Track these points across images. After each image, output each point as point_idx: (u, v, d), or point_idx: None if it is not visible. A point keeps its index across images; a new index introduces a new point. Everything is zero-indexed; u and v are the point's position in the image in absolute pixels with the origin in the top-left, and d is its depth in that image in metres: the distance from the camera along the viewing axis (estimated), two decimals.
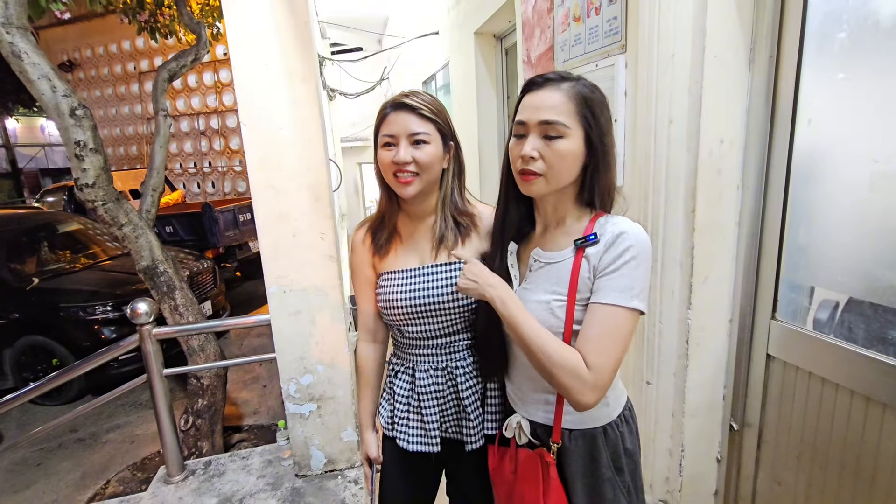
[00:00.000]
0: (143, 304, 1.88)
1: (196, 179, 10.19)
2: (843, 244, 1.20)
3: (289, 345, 1.84)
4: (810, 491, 1.31)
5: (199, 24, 2.81)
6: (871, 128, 1.12)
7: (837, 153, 1.21)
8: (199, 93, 9.73)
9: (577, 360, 0.81)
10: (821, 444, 1.26)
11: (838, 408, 1.20)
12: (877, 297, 1.12)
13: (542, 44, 2.09)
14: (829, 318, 1.25)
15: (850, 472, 1.19)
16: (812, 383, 1.27)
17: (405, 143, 0.99)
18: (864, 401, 1.14)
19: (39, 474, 2.86)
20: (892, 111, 1.07)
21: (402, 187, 1.01)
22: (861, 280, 1.16)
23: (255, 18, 1.57)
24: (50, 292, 3.69)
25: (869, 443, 1.14)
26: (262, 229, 1.72)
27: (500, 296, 0.88)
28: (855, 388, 1.15)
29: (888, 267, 1.09)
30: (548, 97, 0.85)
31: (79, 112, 1.96)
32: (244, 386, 3.74)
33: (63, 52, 10.37)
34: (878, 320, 1.12)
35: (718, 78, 1.34)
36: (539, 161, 0.85)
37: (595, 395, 0.81)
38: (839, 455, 1.21)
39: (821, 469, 1.27)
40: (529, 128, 0.86)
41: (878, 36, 1.08)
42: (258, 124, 1.65)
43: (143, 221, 2.30)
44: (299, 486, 1.94)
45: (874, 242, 1.13)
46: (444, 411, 1.09)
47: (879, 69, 1.09)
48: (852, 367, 1.15)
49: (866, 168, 1.13)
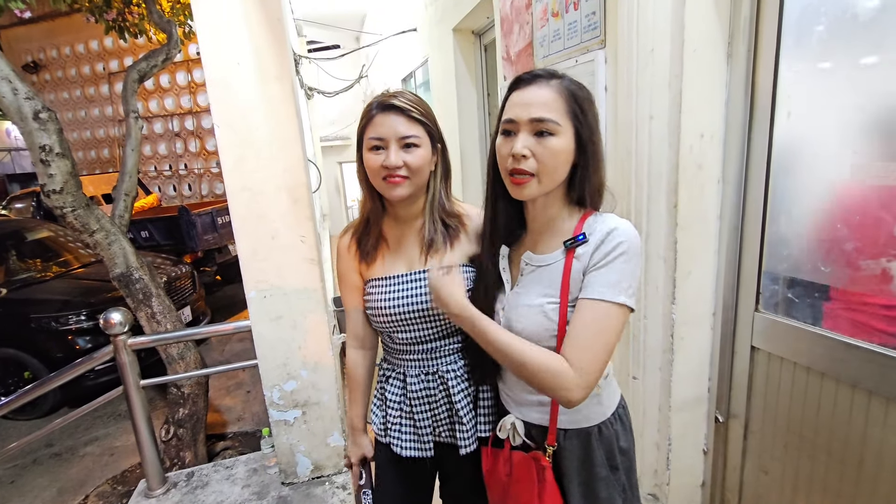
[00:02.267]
0: (116, 314, 1.81)
1: (172, 182, 9.95)
2: (824, 235, 1.22)
3: (271, 350, 1.80)
4: (797, 479, 1.33)
5: (169, 23, 2.72)
6: (849, 120, 1.13)
7: (816, 145, 1.22)
8: (172, 93, 9.49)
9: (557, 363, 0.81)
10: (807, 433, 1.28)
11: (824, 396, 1.22)
12: (859, 287, 1.14)
13: (521, 40, 2.08)
14: (809, 307, 1.27)
15: (836, 459, 1.21)
16: (797, 373, 1.29)
17: (395, 146, 0.96)
18: (850, 388, 1.16)
19: (13, 492, 2.75)
20: (869, 102, 1.08)
21: (391, 189, 0.98)
22: (842, 270, 1.18)
23: (226, 15, 1.52)
24: (20, 303, 3.55)
25: (855, 430, 1.16)
26: (240, 232, 1.68)
27: (465, 316, 0.90)
28: (840, 376, 1.17)
29: (867, 256, 1.11)
30: (538, 94, 0.83)
31: (43, 115, 1.88)
32: (227, 392, 3.67)
33: (27, 52, 9.99)
34: (859, 309, 1.13)
35: (698, 72, 1.34)
36: (531, 160, 0.83)
37: (581, 392, 0.80)
38: (825, 443, 1.23)
39: (807, 458, 1.29)
40: (520, 125, 0.84)
41: (856, 29, 1.09)
42: (232, 124, 1.60)
43: (115, 227, 2.23)
44: (286, 495, 1.90)
45: (853, 233, 1.14)
46: (436, 416, 1.08)
47: (857, 61, 1.10)
48: (836, 355, 1.17)
49: (846, 160, 1.14)
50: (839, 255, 1.18)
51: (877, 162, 1.08)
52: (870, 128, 1.09)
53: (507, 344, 0.85)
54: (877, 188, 1.08)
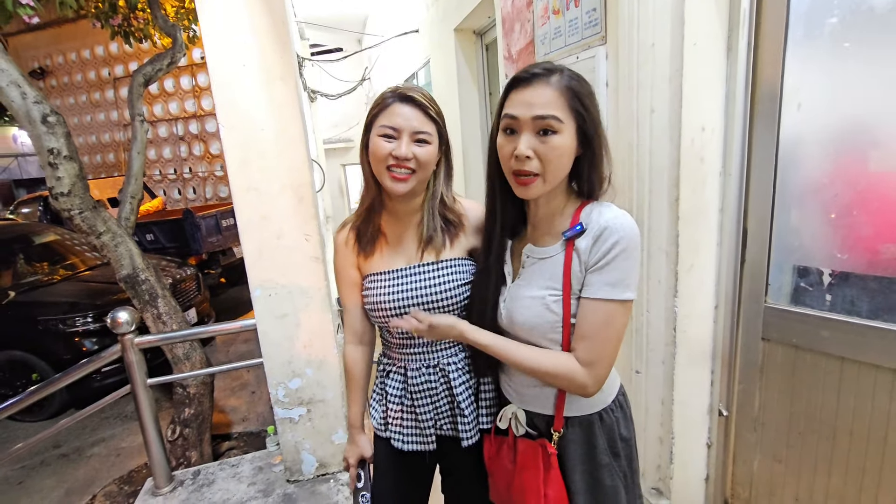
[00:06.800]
0: (123, 314, 1.83)
1: (176, 185, 10.00)
2: (836, 223, 1.22)
3: (276, 348, 1.81)
4: (816, 463, 1.34)
5: (174, 28, 2.75)
6: (863, 111, 1.14)
7: (829, 136, 1.23)
8: (176, 97, 9.55)
9: (568, 365, 0.85)
10: (826, 417, 1.30)
11: (844, 380, 1.24)
12: (871, 271, 1.15)
13: (523, 38, 2.09)
14: (822, 294, 1.28)
15: (859, 438, 1.23)
16: (813, 360, 1.30)
17: (407, 138, 0.96)
18: (873, 369, 1.17)
19: (21, 493, 2.77)
20: (884, 95, 1.09)
21: (395, 183, 0.98)
22: (860, 255, 1.19)
23: (231, 18, 1.55)
24: (27, 305, 3.58)
25: (879, 408, 1.18)
26: (245, 232, 1.69)
27: (466, 333, 0.93)
28: (861, 358, 1.19)
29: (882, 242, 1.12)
30: (538, 93, 0.82)
31: (51, 119, 1.90)
32: (232, 393, 3.68)
33: (34, 58, 10.07)
34: (881, 291, 1.15)
35: (698, 66, 1.34)
36: (535, 160, 0.83)
37: (596, 387, 0.86)
38: (847, 424, 1.25)
39: (826, 441, 1.31)
40: (522, 124, 0.84)
41: (871, 20, 1.09)
42: (238, 125, 1.62)
43: (122, 229, 2.25)
44: (291, 492, 1.91)
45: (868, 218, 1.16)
46: (438, 409, 1.08)
47: (869, 53, 1.10)
48: (855, 338, 1.19)
49: (859, 150, 1.15)
50: (855, 242, 1.18)
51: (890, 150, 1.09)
52: (884, 118, 1.10)
53: (514, 354, 0.89)
54: (890, 174, 1.10)
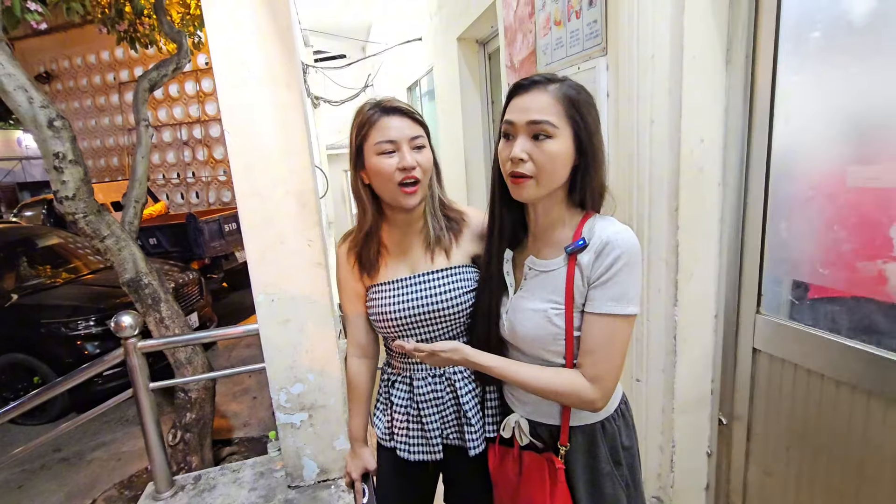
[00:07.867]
0: (127, 317, 1.85)
1: (180, 190, 10.05)
2: (824, 238, 1.23)
3: (278, 354, 1.82)
4: (801, 481, 1.33)
5: (179, 33, 2.78)
6: (846, 124, 1.15)
7: (813, 149, 1.24)
8: (181, 103, 9.62)
9: (574, 383, 0.86)
10: (809, 435, 1.28)
11: (825, 398, 1.23)
12: (857, 290, 1.15)
13: (525, 48, 2.11)
14: (809, 309, 1.28)
15: (837, 460, 1.22)
16: (798, 375, 1.29)
17: (407, 147, 0.96)
18: (850, 390, 1.16)
19: (21, 497, 2.77)
20: (865, 107, 1.10)
21: (408, 198, 0.97)
22: (840, 272, 1.19)
23: (236, 25, 1.57)
24: (30, 308, 3.60)
25: (855, 431, 1.16)
26: (248, 236, 1.71)
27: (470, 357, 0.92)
28: (840, 378, 1.18)
29: (865, 259, 1.12)
30: (535, 99, 0.85)
31: (57, 123, 1.93)
32: (234, 398, 3.68)
33: (40, 63, 10.17)
34: (860, 311, 1.14)
35: (697, 78, 1.36)
36: (528, 163, 0.85)
37: (603, 402, 0.87)
38: (827, 444, 1.24)
39: (810, 459, 1.29)
40: (517, 129, 0.86)
41: (851, 35, 1.11)
42: (242, 130, 1.64)
43: (125, 233, 2.27)
44: (292, 498, 1.91)
45: (850, 235, 1.15)
46: (444, 418, 1.07)
47: (853, 67, 1.12)
48: (836, 357, 1.18)
49: (843, 163, 1.16)
50: (837, 258, 1.19)
51: (872, 164, 1.10)
52: (865, 131, 1.11)
53: (519, 375, 0.90)
54: (872, 191, 1.10)
